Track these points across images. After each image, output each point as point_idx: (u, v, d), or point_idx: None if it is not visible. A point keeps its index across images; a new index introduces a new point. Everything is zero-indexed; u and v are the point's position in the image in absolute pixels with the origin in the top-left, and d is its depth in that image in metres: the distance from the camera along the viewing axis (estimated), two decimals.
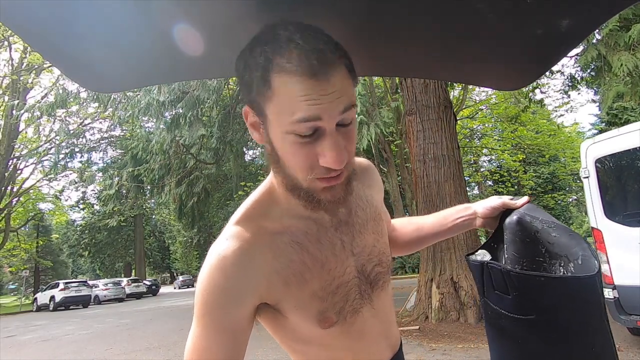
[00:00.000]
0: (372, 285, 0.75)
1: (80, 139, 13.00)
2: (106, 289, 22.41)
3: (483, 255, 0.83)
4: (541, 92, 12.51)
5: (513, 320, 0.71)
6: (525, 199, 0.85)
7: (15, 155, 22.42)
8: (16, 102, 15.69)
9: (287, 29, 0.58)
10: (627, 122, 18.55)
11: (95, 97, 10.08)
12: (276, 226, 0.68)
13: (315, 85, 0.55)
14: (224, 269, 0.63)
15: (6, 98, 20.51)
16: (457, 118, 9.48)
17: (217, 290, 0.62)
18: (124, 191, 16.28)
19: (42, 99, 18.49)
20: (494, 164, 27.47)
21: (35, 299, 21.39)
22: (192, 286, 24.85)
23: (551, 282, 0.69)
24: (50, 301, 19.47)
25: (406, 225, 1.09)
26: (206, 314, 0.63)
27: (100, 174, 19.45)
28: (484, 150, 23.60)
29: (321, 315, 0.68)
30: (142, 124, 13.46)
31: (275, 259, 0.66)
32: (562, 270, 0.72)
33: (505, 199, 0.88)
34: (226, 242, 0.65)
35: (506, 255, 0.77)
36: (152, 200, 19.45)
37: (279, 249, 0.67)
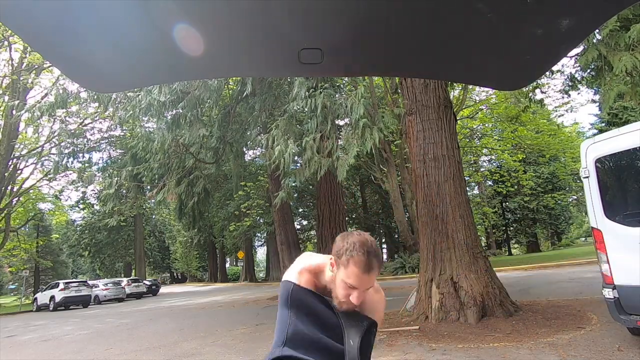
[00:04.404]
0: None
1: (81, 139, 12.98)
2: (106, 289, 22.42)
3: None
4: (541, 92, 12.50)
5: None
6: None
7: (15, 155, 22.43)
8: (16, 102, 15.68)
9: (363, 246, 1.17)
10: (627, 122, 18.55)
11: (95, 97, 10.06)
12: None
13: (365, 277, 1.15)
14: None
15: (6, 98, 20.51)
16: (457, 118, 9.48)
17: None
18: (124, 191, 16.28)
19: (42, 99, 18.48)
20: (494, 164, 27.47)
21: (35, 299, 21.40)
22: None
23: None
24: (50, 301, 19.48)
25: None
26: None
27: (100, 174, 19.45)
28: (484, 150, 23.61)
29: None
30: (142, 124, 13.45)
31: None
32: None
33: None
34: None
35: None
36: (152, 200, 19.44)
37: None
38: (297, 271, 1.26)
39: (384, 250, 30.78)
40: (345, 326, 1.20)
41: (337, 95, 8.96)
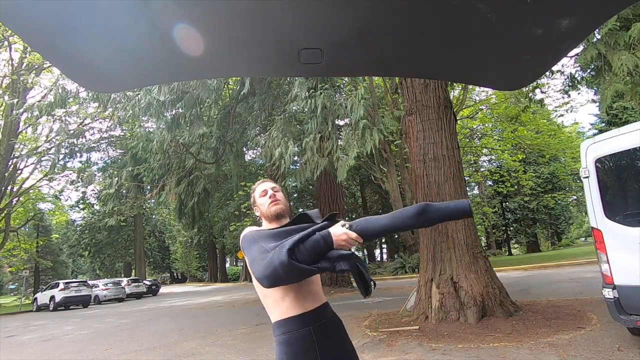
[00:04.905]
0: None
1: (80, 139, 12.97)
2: (106, 289, 22.42)
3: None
4: (541, 92, 12.50)
5: None
6: None
7: (15, 155, 22.42)
8: (16, 101, 15.68)
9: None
10: (627, 122, 18.55)
11: (95, 97, 10.07)
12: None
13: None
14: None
15: (6, 98, 20.51)
16: (457, 118, 9.47)
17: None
18: (124, 191, 16.28)
19: (42, 98, 18.49)
20: (494, 164, 27.47)
21: (35, 299, 21.39)
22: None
23: None
24: (50, 301, 19.47)
25: None
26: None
27: (100, 174, 19.45)
28: (484, 150, 23.60)
29: None
30: (142, 124, 13.45)
31: None
32: None
33: None
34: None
35: None
36: (152, 200, 19.44)
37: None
38: (249, 229, 1.54)
39: (384, 250, 30.73)
40: (308, 218, 1.52)
41: (337, 96, 8.96)
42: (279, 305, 1.48)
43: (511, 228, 31.39)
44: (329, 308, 1.57)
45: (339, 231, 1.33)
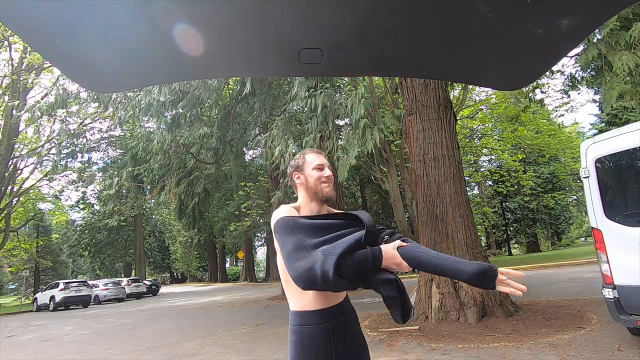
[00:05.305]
0: None
1: (81, 139, 12.97)
2: (106, 289, 22.41)
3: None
4: (541, 92, 12.48)
5: None
6: None
7: (15, 155, 22.42)
8: (16, 102, 15.68)
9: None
10: (627, 122, 18.56)
11: (95, 97, 10.06)
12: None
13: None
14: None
15: (6, 98, 20.51)
16: (457, 118, 9.47)
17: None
18: (124, 191, 16.28)
19: (42, 99, 18.48)
20: (494, 164, 27.46)
21: (35, 299, 21.39)
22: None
23: None
24: (50, 301, 19.47)
25: None
26: None
27: (100, 174, 19.45)
28: (484, 150, 23.59)
29: None
30: (142, 124, 13.46)
31: None
32: None
33: None
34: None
35: None
36: (152, 200, 19.46)
37: None
38: (283, 212, 1.42)
39: None
40: (352, 212, 1.41)
41: (337, 95, 8.96)
42: (300, 295, 1.41)
43: (511, 228, 31.39)
44: (348, 303, 1.51)
45: (392, 254, 1.25)
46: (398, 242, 1.29)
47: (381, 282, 1.24)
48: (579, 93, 27.62)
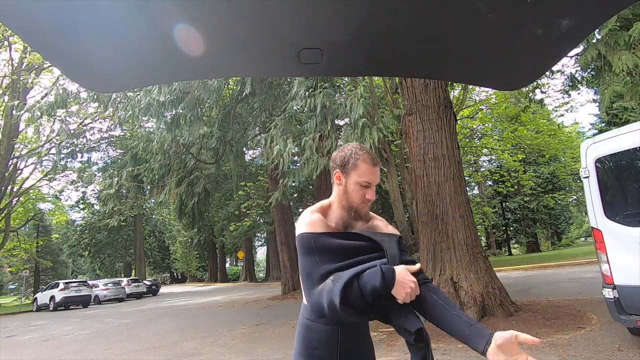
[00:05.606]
0: None
1: (81, 139, 12.97)
2: (106, 289, 22.42)
3: None
4: (541, 92, 12.49)
5: None
6: None
7: (15, 155, 22.42)
8: (16, 102, 15.69)
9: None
10: (627, 122, 18.55)
11: (95, 97, 10.06)
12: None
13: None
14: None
15: (6, 98, 20.51)
16: (457, 118, 9.47)
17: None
18: (124, 191, 16.28)
19: (42, 98, 18.48)
20: (494, 164, 27.46)
21: (35, 299, 21.39)
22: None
23: None
24: (50, 301, 19.48)
25: None
26: None
27: (100, 174, 19.44)
28: (484, 150, 23.59)
29: None
30: (142, 124, 13.45)
31: None
32: None
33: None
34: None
35: None
36: (152, 200, 19.46)
37: None
38: (307, 222, 1.29)
39: None
40: (377, 238, 1.29)
41: (336, 95, 8.96)
42: None
43: (511, 228, 31.38)
44: None
45: (406, 278, 1.18)
46: (419, 267, 1.27)
47: (404, 329, 1.18)
48: (579, 93, 27.68)
